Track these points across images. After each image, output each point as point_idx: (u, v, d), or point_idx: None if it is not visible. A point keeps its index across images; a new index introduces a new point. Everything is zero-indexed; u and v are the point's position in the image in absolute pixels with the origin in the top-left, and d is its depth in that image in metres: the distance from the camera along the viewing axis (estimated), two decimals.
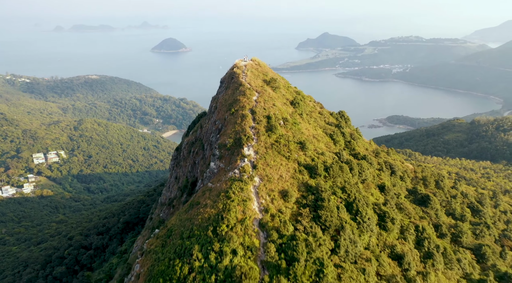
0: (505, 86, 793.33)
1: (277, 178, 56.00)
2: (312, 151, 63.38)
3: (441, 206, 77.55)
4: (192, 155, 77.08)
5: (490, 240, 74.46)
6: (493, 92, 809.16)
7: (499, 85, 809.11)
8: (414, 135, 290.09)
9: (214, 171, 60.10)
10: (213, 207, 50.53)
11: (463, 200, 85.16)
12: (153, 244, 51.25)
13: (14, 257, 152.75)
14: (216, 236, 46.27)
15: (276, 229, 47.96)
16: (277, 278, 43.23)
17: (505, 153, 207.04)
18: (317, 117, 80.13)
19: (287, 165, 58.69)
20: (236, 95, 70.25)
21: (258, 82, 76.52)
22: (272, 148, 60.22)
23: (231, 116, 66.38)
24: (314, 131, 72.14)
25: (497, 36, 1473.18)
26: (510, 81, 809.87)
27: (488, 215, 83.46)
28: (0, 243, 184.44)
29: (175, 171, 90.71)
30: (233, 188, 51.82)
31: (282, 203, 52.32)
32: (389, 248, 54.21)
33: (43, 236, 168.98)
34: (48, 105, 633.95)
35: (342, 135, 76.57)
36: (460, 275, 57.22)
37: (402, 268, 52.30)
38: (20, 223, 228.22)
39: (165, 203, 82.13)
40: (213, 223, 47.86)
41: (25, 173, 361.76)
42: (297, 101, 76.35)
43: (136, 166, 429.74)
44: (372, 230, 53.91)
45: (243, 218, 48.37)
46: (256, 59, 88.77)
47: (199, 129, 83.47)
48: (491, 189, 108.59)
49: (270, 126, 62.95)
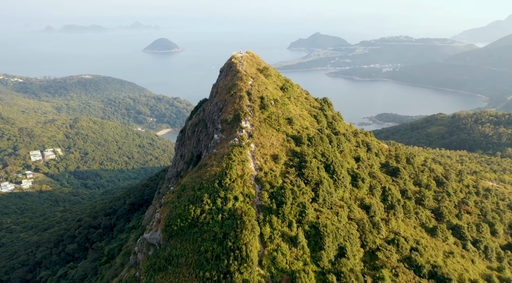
0: (491, 84, 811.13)
1: (269, 145, 68.59)
2: (298, 125, 76.14)
3: (410, 178, 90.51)
4: (196, 133, 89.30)
5: (450, 205, 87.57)
6: (480, 91, 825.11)
7: (485, 83, 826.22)
8: (400, 129, 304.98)
9: (217, 141, 72.30)
10: (218, 166, 62.76)
11: (430, 174, 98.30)
12: (169, 197, 63.18)
13: (24, 241, 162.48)
14: (221, 187, 58.48)
15: (269, 182, 60.43)
16: (269, 216, 55.61)
17: (481, 144, 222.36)
18: (303, 101, 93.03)
19: (277, 136, 71.36)
20: (234, 80, 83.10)
21: (252, 70, 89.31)
22: (265, 122, 72.86)
23: (231, 97, 79.10)
24: (300, 112, 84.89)
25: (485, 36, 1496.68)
26: (496, 80, 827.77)
27: (451, 187, 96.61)
28: (7, 231, 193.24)
29: (180, 150, 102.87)
30: (234, 151, 64.11)
31: (273, 164, 64.85)
32: (359, 200, 66.94)
33: (50, 223, 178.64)
34: (42, 105, 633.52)
35: (324, 116, 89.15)
36: (417, 224, 70.08)
37: (369, 215, 64.97)
38: (23, 214, 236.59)
39: (172, 176, 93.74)
40: (218, 178, 60.03)
41: (23, 170, 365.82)
42: (286, 86, 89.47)
43: (131, 163, 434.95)
44: (345, 186, 66.56)
45: (242, 174, 60.66)
46: (250, 52, 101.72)
47: (201, 112, 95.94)
48: (459, 169, 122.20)
49: (263, 105, 75.82)
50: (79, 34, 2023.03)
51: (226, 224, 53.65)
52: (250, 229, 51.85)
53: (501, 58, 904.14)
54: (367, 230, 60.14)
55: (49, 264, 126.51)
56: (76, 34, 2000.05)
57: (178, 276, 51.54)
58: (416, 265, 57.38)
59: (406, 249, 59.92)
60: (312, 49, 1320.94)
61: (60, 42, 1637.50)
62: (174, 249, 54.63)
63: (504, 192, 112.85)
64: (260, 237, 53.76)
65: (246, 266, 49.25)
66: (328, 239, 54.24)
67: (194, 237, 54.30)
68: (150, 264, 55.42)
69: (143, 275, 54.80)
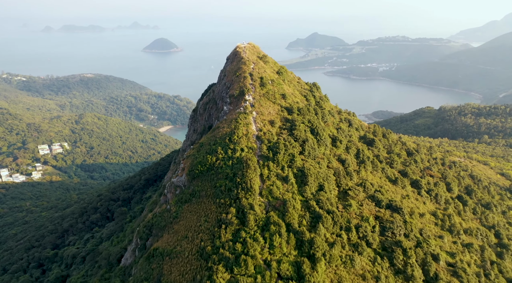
0: (485, 82, 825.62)
1: (267, 113, 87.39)
2: (290, 100, 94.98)
3: (383, 148, 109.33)
4: (207, 110, 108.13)
5: (416, 170, 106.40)
6: (474, 89, 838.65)
7: (479, 82, 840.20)
8: (391, 122, 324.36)
9: (226, 112, 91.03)
10: (228, 127, 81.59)
11: (402, 146, 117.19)
12: (190, 152, 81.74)
13: (46, 218, 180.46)
14: (231, 142, 77.16)
15: (267, 139, 79.29)
16: (267, 162, 74.42)
17: (463, 133, 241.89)
18: (295, 84, 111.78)
19: (273, 107, 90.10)
20: (239, 64, 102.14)
21: (253, 57, 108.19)
22: (263, 96, 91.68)
23: (236, 77, 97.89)
24: (293, 91, 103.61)
25: (480, 36, 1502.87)
26: (489, 78, 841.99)
27: (420, 157, 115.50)
28: (28, 212, 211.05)
29: (193, 126, 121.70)
30: (240, 117, 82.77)
31: (270, 127, 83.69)
32: (337, 156, 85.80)
33: (69, 202, 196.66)
34: (46, 102, 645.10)
35: (313, 96, 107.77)
36: (382, 176, 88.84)
37: (344, 166, 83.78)
38: (39, 199, 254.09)
39: (187, 147, 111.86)
40: (228, 136, 78.73)
41: (32, 163, 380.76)
42: (281, 71, 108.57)
43: (135, 157, 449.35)
44: (326, 145, 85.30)
45: (246, 133, 79.35)
46: (252, 43, 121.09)
47: (211, 93, 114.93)
48: (430, 145, 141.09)
49: (263, 83, 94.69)
50: (78, 34, 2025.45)
51: (235, 167, 72.32)
52: (253, 170, 70.54)
53: (495, 57, 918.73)
54: (342, 176, 78.88)
55: (75, 231, 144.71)
56: (75, 34, 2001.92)
57: (200, 204, 70.10)
58: (377, 200, 76.16)
59: (371, 190, 78.64)
60: (310, 49, 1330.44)
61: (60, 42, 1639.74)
62: (196, 186, 73.22)
63: (468, 165, 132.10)
64: (260, 176, 72.43)
65: (250, 194, 67.97)
66: (311, 178, 72.94)
67: (211, 177, 72.96)
68: (178, 199, 73.88)
69: (173, 207, 73.22)
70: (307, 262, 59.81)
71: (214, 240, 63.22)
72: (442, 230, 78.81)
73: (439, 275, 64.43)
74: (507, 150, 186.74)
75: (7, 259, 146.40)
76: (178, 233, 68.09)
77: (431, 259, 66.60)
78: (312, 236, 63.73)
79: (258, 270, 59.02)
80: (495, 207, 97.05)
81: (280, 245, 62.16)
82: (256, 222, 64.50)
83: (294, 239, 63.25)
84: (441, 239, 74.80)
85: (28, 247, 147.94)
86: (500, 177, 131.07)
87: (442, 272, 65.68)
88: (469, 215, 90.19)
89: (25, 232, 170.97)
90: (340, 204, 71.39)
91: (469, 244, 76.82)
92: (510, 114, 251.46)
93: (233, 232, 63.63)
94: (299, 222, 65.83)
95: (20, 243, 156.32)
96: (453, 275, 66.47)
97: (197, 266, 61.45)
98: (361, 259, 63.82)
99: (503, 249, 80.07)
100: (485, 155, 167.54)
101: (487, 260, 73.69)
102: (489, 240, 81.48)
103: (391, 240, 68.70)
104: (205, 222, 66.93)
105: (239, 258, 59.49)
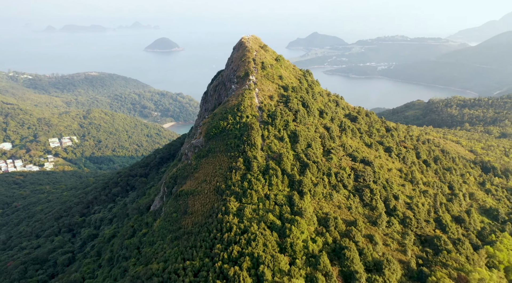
0: (480, 81, 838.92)
1: (267, 90, 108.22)
2: (286, 81, 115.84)
3: (365, 124, 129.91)
4: (217, 90, 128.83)
5: (392, 142, 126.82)
6: (469, 87, 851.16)
7: (475, 80, 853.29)
8: (383, 114, 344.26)
9: (234, 89, 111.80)
10: (236, 100, 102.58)
11: (382, 124, 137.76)
12: (206, 120, 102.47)
13: (69, 195, 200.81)
14: (238, 111, 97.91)
15: (267, 109, 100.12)
16: (267, 126, 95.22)
17: (448, 122, 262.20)
18: (291, 70, 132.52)
19: (272, 85, 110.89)
20: (244, 52, 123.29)
21: (256, 46, 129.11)
22: (264, 77, 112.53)
23: (242, 62, 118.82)
24: (288, 75, 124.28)
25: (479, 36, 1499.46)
26: (484, 76, 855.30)
27: (396, 133, 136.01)
28: (49, 193, 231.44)
29: (204, 105, 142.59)
30: (245, 92, 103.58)
31: (269, 100, 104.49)
32: (323, 125, 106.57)
33: (87, 182, 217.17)
34: (52, 99, 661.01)
35: (306, 80, 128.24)
36: (360, 141, 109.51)
37: (329, 132, 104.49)
38: (56, 184, 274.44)
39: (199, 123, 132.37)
40: (236, 106, 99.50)
41: (44, 155, 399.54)
42: (279, 58, 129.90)
43: (141, 150, 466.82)
44: (314, 116, 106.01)
45: (250, 104, 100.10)
46: (254, 35, 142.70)
47: (220, 77, 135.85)
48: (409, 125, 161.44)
49: (263, 66, 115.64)
50: (79, 34, 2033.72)
51: (242, 129, 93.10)
52: (256, 131, 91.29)
53: (490, 56, 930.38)
54: (326, 139, 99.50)
55: (99, 202, 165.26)
56: (77, 34, 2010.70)
57: (215, 157, 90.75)
58: (354, 157, 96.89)
59: (349, 150, 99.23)
60: (310, 48, 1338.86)
61: (62, 42, 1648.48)
62: (211, 145, 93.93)
63: (440, 142, 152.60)
64: (261, 136, 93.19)
65: (254, 149, 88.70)
66: (301, 138, 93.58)
67: (223, 137, 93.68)
68: (197, 155, 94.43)
69: (193, 161, 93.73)
70: (297, 195, 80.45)
71: (227, 181, 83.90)
72: (405, 181, 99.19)
73: (397, 207, 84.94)
74: (483, 135, 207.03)
75: (39, 227, 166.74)
76: (198, 179, 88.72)
77: (392, 197, 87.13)
78: (301, 178, 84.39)
79: (260, 200, 79.70)
80: (455, 170, 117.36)
81: (277, 184, 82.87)
82: (258, 168, 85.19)
83: (287, 180, 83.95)
84: (403, 186, 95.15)
85: (57, 217, 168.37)
86: (468, 153, 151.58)
87: (399, 205, 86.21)
88: (431, 174, 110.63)
89: (51, 207, 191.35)
90: (324, 158, 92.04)
91: (425, 191, 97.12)
92: (492, 105, 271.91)
93: (241, 175, 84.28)
94: (291, 168, 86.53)
95: (49, 214, 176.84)
96: (408, 209, 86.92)
97: (214, 199, 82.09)
98: (338, 195, 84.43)
99: (453, 196, 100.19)
100: (462, 138, 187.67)
101: (438, 202, 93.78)
102: (443, 190, 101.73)
103: (362, 184, 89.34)
104: (219, 169, 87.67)
105: (246, 192, 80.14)
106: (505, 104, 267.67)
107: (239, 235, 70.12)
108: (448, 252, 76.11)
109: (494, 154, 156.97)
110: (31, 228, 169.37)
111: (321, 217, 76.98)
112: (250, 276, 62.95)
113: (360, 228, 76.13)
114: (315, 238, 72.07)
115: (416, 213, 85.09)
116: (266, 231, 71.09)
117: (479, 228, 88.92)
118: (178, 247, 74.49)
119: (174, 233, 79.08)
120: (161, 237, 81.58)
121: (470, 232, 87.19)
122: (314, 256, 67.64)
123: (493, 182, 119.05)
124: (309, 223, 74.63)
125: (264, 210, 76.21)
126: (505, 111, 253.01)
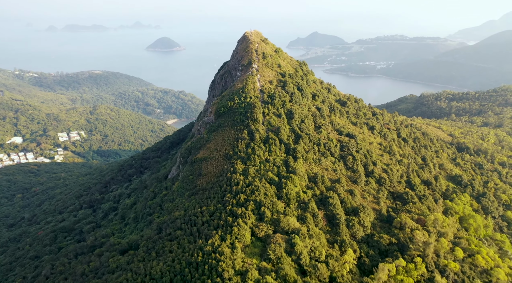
0: (478, 79, 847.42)
1: (267, 76, 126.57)
2: (283, 69, 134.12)
3: (354, 108, 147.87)
4: (224, 78, 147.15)
5: (378, 124, 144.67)
6: (467, 85, 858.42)
7: (472, 78, 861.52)
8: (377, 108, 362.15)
9: (239, 76, 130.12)
10: (241, 84, 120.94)
11: (369, 109, 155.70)
12: (215, 101, 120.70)
13: (86, 179, 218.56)
14: (243, 92, 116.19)
15: (267, 91, 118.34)
16: (267, 105, 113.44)
17: (436, 114, 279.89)
18: (288, 60, 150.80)
19: (271, 72, 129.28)
20: (247, 44, 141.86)
21: (257, 39, 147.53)
22: (265, 65, 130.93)
23: (245, 53, 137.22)
24: (286, 64, 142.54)
25: (478, 35, 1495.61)
26: (482, 75, 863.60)
27: (382, 117, 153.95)
28: (65, 180, 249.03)
29: (212, 92, 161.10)
30: (249, 78, 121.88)
31: (269, 85, 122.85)
32: (315, 105, 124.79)
33: (102, 168, 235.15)
34: (58, 97, 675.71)
35: (301, 69, 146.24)
36: (346, 120, 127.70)
37: (320, 112, 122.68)
38: (70, 173, 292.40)
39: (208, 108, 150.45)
40: (241, 88, 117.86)
41: (54, 148, 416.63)
42: (278, 50, 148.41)
43: (146, 145, 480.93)
44: (308, 98, 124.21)
45: (253, 87, 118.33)
46: (256, 30, 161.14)
47: (226, 67, 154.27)
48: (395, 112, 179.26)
49: (264, 56, 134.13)
50: (81, 33, 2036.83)
51: (246, 107, 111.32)
52: (258, 109, 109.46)
53: (488, 55, 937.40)
54: (317, 117, 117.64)
55: (116, 182, 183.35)
56: (78, 34, 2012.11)
57: (223, 130, 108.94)
58: (340, 131, 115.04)
59: (337, 126, 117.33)
60: (310, 48, 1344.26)
61: (64, 41, 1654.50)
62: (221, 121, 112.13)
63: (422, 126, 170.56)
64: (262, 113, 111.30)
65: (256, 123, 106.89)
66: (296, 115, 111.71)
67: (230, 114, 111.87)
68: (208, 129, 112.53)
69: (205, 135, 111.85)
70: (292, 159, 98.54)
71: (234, 149, 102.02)
72: (384, 152, 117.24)
73: (375, 170, 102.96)
74: (467, 124, 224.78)
75: (61, 205, 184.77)
76: (210, 148, 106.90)
77: (371, 163, 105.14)
78: (295, 146, 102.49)
79: (261, 163, 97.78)
80: (430, 147, 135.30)
81: (275, 151, 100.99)
82: (260, 138, 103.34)
83: (284, 148, 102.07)
84: (381, 156, 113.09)
85: (77, 196, 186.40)
86: (447, 136, 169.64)
87: (377, 169, 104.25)
88: (408, 149, 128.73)
89: (70, 189, 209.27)
90: (315, 131, 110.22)
91: (400, 161, 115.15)
92: (478, 99, 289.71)
93: (246, 143, 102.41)
94: (287, 138, 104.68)
95: (69, 194, 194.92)
96: (384, 172, 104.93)
97: (224, 163, 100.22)
98: (326, 160, 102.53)
99: (425, 165, 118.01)
100: (443, 125, 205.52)
101: (411, 168, 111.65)
102: (416, 161, 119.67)
103: (346, 153, 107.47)
104: (227, 140, 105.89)
105: (250, 157, 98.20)
106: (491, 97, 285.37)
107: (244, 187, 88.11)
108: (413, 204, 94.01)
109: (471, 138, 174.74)
110: (54, 206, 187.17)
111: (311, 176, 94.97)
112: (254, 214, 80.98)
113: (343, 184, 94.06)
114: (306, 190, 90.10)
115: (390, 176, 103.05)
116: (267, 184, 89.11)
117: (443, 190, 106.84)
118: (195, 199, 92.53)
119: (191, 191, 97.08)
120: (180, 194, 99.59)
121: (436, 193, 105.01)
122: (305, 202, 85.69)
123: (464, 158, 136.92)
124: (301, 179, 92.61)
125: (265, 170, 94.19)
126: (490, 104, 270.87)
